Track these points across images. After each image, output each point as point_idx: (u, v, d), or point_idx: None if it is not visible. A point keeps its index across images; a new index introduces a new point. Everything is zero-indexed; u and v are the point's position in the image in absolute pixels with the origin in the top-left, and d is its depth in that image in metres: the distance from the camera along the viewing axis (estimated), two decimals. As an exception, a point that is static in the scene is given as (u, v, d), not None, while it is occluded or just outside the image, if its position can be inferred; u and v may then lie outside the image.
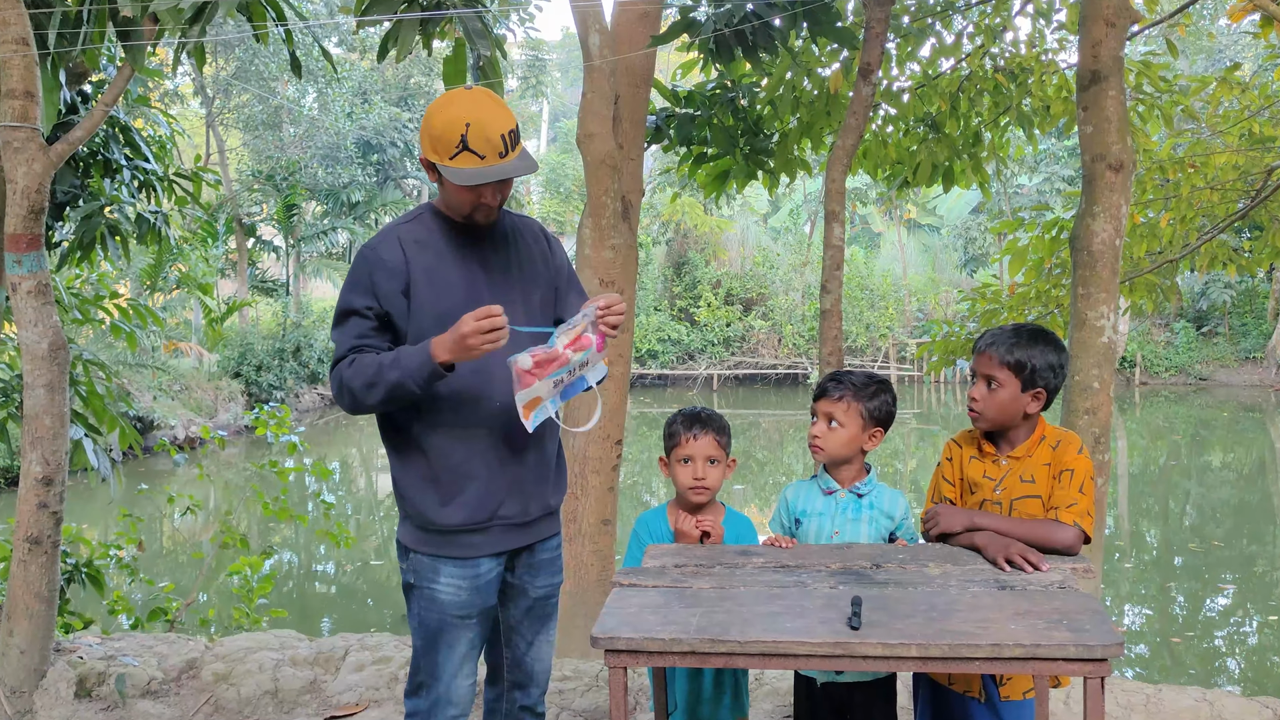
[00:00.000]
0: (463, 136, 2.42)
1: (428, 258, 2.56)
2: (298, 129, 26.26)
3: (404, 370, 2.43)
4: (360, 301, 2.54)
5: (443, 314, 2.50)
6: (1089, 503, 2.54)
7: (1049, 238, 6.94)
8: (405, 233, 2.60)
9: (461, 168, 2.45)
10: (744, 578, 2.42)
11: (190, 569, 10.99)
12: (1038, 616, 2.12)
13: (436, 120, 2.46)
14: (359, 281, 2.56)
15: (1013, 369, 2.58)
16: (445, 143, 2.44)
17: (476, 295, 2.55)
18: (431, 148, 2.48)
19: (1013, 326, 2.66)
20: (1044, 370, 2.58)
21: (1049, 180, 30.47)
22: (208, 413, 20.31)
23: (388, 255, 2.55)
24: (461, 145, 2.43)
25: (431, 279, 2.55)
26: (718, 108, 6.23)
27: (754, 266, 32.59)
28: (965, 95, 6.79)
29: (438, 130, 2.45)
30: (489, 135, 2.44)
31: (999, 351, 2.60)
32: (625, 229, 4.73)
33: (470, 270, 2.60)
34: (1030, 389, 2.59)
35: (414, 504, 2.59)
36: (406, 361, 2.44)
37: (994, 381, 2.60)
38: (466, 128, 2.42)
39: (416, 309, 2.54)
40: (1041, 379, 2.59)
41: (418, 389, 2.44)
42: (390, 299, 2.53)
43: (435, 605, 2.61)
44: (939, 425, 23.78)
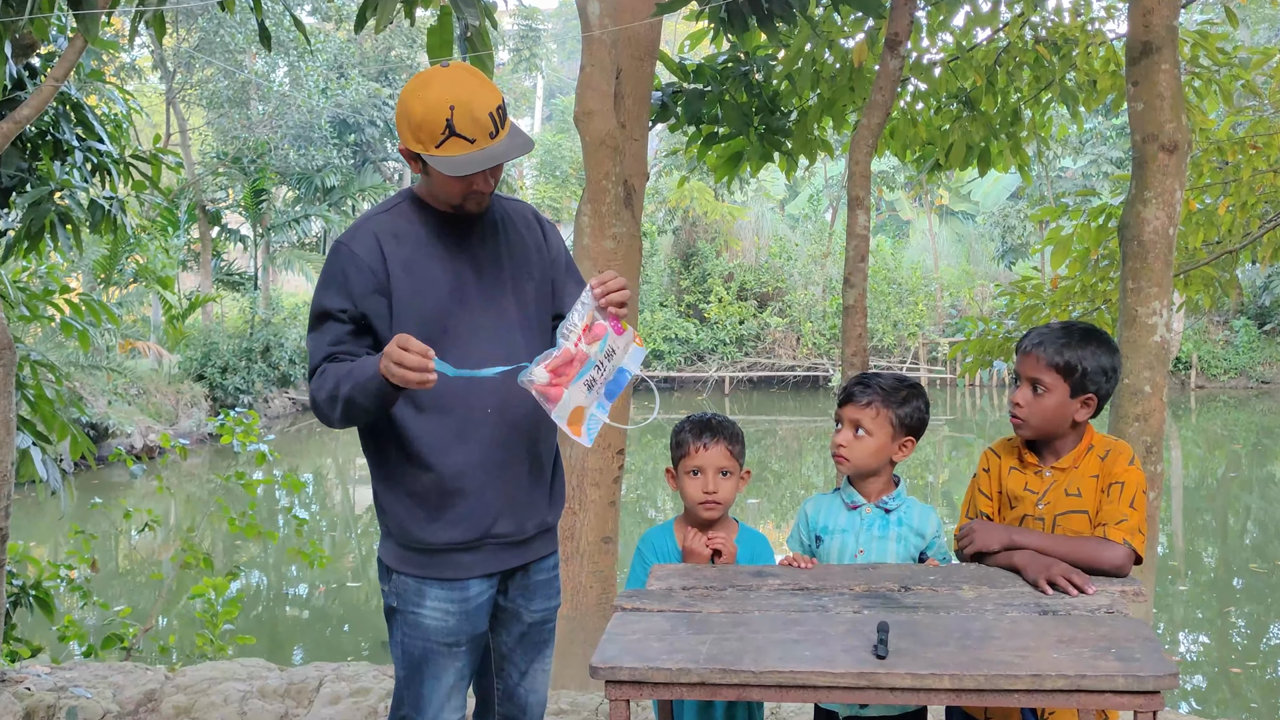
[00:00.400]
0: (448, 121, 2.41)
1: (406, 252, 2.55)
2: (267, 106, 26.28)
3: (355, 383, 2.40)
4: (334, 303, 2.53)
5: (427, 316, 2.50)
6: (1140, 519, 2.53)
7: (1095, 226, 6.93)
8: (381, 224, 2.58)
9: (451, 155, 2.43)
10: (759, 601, 2.42)
11: (149, 591, 11.00)
12: (1083, 644, 2.12)
13: (415, 106, 2.44)
14: (332, 280, 2.55)
15: (1061, 372, 2.58)
16: (429, 130, 2.43)
17: (463, 293, 2.55)
18: (413, 137, 2.46)
19: (1061, 324, 2.65)
20: (1096, 373, 2.58)
21: (1095, 163, 30.43)
22: (168, 419, 20.34)
23: (361, 251, 2.53)
24: (448, 131, 2.41)
25: (412, 276, 2.54)
26: (730, 83, 6.23)
27: (770, 258, 32.58)
28: (1003, 69, 6.78)
29: (419, 117, 2.43)
30: (476, 115, 2.42)
31: (1046, 352, 2.59)
32: (628, 217, 4.74)
33: (455, 265, 2.59)
34: (1080, 394, 2.58)
35: (397, 520, 2.59)
36: (359, 373, 2.41)
37: (1040, 385, 2.60)
38: (451, 110, 2.41)
39: (398, 311, 2.53)
40: (1093, 383, 2.58)
41: (371, 406, 2.41)
42: (366, 300, 2.51)
43: (420, 631, 2.61)
44: (974, 433, 23.76)
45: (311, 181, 27.61)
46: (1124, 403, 3.92)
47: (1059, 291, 7.45)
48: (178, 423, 20.47)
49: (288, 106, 25.86)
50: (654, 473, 18.46)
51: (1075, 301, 7.39)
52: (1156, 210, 3.91)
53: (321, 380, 2.49)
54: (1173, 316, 4.29)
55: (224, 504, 6.87)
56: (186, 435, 19.52)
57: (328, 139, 27.02)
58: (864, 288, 5.05)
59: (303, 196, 28.42)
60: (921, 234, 36.44)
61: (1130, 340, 3.93)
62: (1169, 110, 3.91)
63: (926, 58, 6.73)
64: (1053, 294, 7.50)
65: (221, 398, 22.13)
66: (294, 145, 26.57)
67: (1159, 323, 3.90)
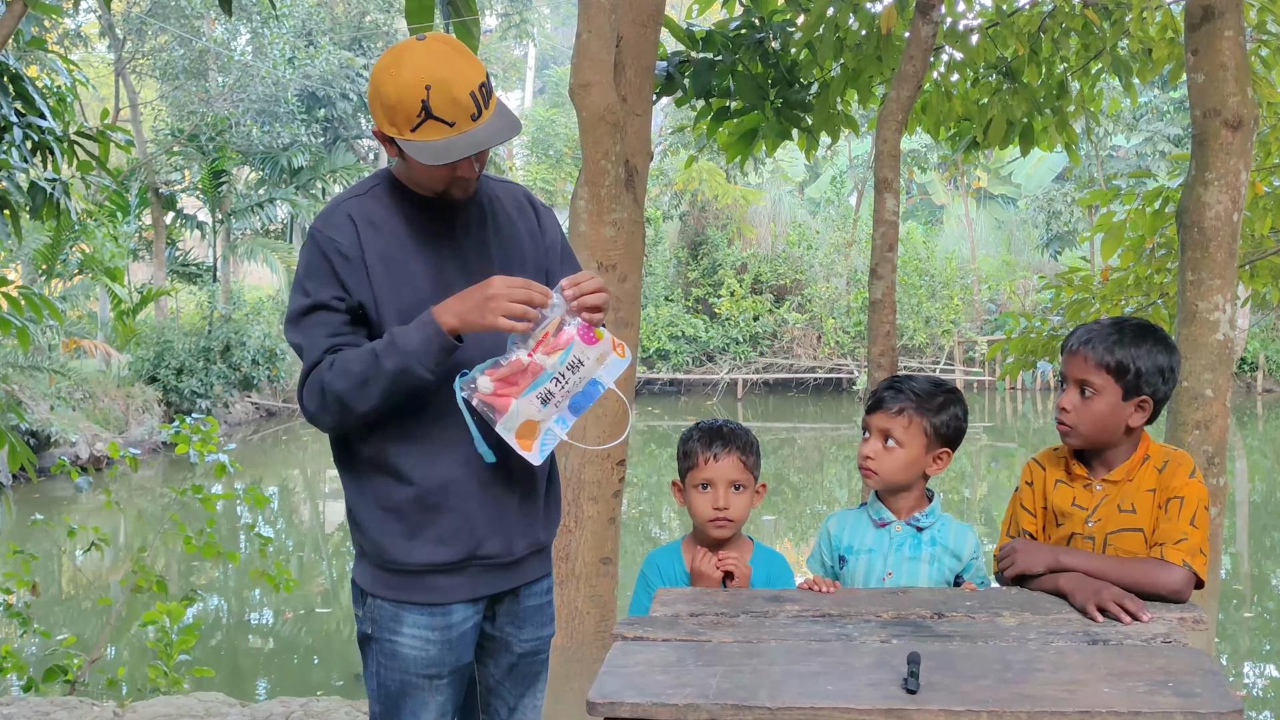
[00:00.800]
0: (424, 103, 2.40)
1: (384, 243, 2.56)
2: (227, 78, 26.30)
3: (404, 351, 2.42)
4: (326, 292, 2.53)
5: (408, 316, 2.50)
6: (1201, 538, 2.53)
7: (1151, 211, 6.92)
8: (356, 209, 2.58)
9: (428, 140, 2.44)
10: (775, 629, 2.43)
11: (95, 618, 11.01)
12: (1137, 678, 2.12)
13: (388, 86, 2.43)
14: (317, 268, 2.55)
15: (1113, 372, 2.58)
16: (403, 112, 2.43)
17: (447, 289, 2.54)
18: (387, 120, 2.46)
19: (1111, 321, 2.65)
20: (1151, 374, 2.58)
21: (1150, 141, 30.40)
22: (117, 426, 20.36)
23: (341, 237, 2.54)
24: (424, 113, 2.41)
25: (390, 271, 2.55)
26: (743, 51, 6.23)
27: (788, 247, 32.60)
28: (1048, 36, 6.78)
29: (392, 98, 2.43)
30: (456, 95, 2.42)
31: (1096, 351, 2.59)
32: (629, 201, 4.73)
33: (438, 257, 2.59)
34: (1134, 397, 2.59)
35: (373, 538, 2.60)
36: (405, 340, 2.43)
37: (1089, 388, 2.60)
38: (427, 91, 2.40)
39: (377, 307, 2.54)
40: (1148, 385, 2.58)
41: (426, 370, 2.44)
42: (360, 290, 2.53)
43: (397, 661, 2.61)
44: (1015, 442, 23.76)
45: (277, 161, 27.63)
46: (1183, 408, 3.92)
47: (1110, 284, 7.45)
48: (128, 430, 20.49)
49: (250, 78, 25.87)
50: (659, 486, 18.45)
51: (1128, 295, 7.39)
52: (1219, 193, 3.91)
53: (335, 370, 2.47)
54: (1237, 312, 4.28)
55: (179, 521, 6.87)
56: (137, 444, 19.51)
57: (295, 114, 27.03)
58: (892, 280, 5.05)
59: (267, 178, 28.43)
60: (957, 220, 36.43)
61: (1190, 338, 3.93)
62: (1233, 82, 3.91)
63: (962, 23, 6.73)
64: (1103, 287, 7.49)
65: (176, 402, 22.15)
66: (257, 121, 26.58)
67: (1221, 319, 3.90)
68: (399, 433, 2.55)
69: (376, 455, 2.57)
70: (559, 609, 4.78)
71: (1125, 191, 7.28)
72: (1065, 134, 7.10)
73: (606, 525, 4.91)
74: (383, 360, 2.43)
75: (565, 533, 4.85)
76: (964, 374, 30.36)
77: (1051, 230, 33.79)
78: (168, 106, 27.70)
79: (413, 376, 2.43)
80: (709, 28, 6.37)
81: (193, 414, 17.11)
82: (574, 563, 4.85)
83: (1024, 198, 36.33)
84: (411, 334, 2.43)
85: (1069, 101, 7.04)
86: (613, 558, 4.96)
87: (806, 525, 15.71)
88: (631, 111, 4.88)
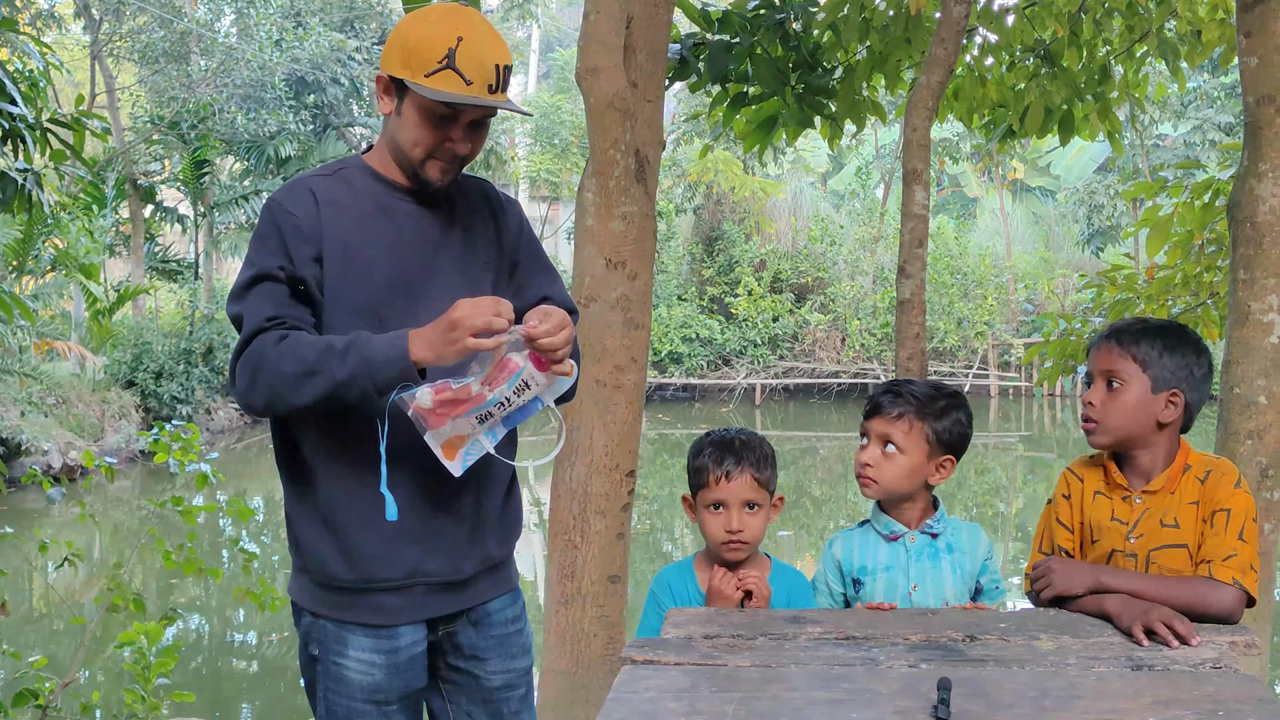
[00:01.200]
0: (451, 51, 2.45)
1: (344, 226, 2.58)
2: (210, 62, 26.36)
3: (363, 360, 2.40)
4: (270, 261, 2.54)
5: (360, 306, 2.52)
6: (1251, 553, 2.53)
7: (1200, 205, 6.91)
8: (321, 188, 2.61)
9: (440, 89, 2.47)
10: (796, 653, 2.42)
11: (68, 638, 11.04)
12: (1185, 706, 2.11)
13: (416, 29, 2.50)
14: (267, 239, 2.56)
15: (1140, 362, 2.62)
16: (424, 55, 2.47)
17: (406, 285, 2.57)
18: (402, 61, 2.50)
19: (1136, 317, 2.69)
20: (1180, 367, 2.61)
21: (1199, 129, 30.35)
22: (92, 433, 20.42)
23: (299, 211, 2.56)
24: (447, 61, 2.46)
25: (347, 256, 2.56)
26: (762, 33, 6.23)
27: (809, 243, 32.59)
28: (1089, 17, 6.77)
29: (416, 40, 2.48)
30: (483, 59, 2.48)
31: (1121, 340, 2.64)
32: (640, 193, 4.74)
33: (400, 250, 2.61)
34: (1164, 389, 2.61)
35: (313, 552, 2.61)
36: (369, 349, 2.41)
37: (1115, 379, 2.63)
38: (458, 42, 2.46)
39: (326, 294, 2.55)
40: (1176, 377, 2.61)
41: (375, 390, 2.42)
42: (305, 266, 2.54)
43: (344, 686, 2.62)
44: (1053, 452, 23.73)
45: (263, 151, 27.68)
46: (1234, 416, 3.91)
47: (1156, 283, 7.43)
48: (103, 438, 20.54)
49: (235, 62, 25.91)
50: (670, 499, 18.45)
51: (1175, 295, 7.37)
52: (1273, 186, 3.90)
53: (283, 348, 2.45)
54: (1293, 313, 4.27)
55: (158, 535, 6.88)
56: (114, 453, 19.58)
57: (282, 100, 27.08)
58: (922, 278, 5.04)
59: (252, 169, 28.48)
60: (991, 214, 36.38)
61: (1242, 341, 3.92)
62: (1288, 66, 3.90)
63: (997, 3, 6.73)
64: (1148, 286, 7.48)
65: (155, 408, 22.19)
66: (242, 107, 26.63)
67: (1276, 320, 3.89)
68: (336, 438, 2.55)
69: (312, 461, 2.58)
70: (565, 630, 4.78)
71: (1172, 184, 7.26)
72: (1108, 122, 7.09)
73: (615, 541, 4.91)
74: (338, 360, 2.42)
75: (571, 549, 4.85)
76: (999, 379, 30.32)
77: (1093, 225, 33.75)
78: (147, 92, 27.74)
79: (360, 390, 2.42)
80: (725, 8, 6.37)
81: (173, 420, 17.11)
82: (580, 581, 4.85)
83: (1063, 190, 36.27)
84: (378, 347, 2.42)
85: (1112, 87, 7.03)
86: (621, 576, 4.95)
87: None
88: (642, 98, 4.88)
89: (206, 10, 26.58)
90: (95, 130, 6.39)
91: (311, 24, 28.04)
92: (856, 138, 28.81)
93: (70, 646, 10.32)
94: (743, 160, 31.05)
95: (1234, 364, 3.93)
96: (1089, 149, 32.31)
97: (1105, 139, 7.41)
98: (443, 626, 2.71)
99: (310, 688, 2.71)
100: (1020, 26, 6.70)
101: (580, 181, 4.77)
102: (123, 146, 25.00)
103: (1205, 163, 22.74)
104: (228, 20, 27.22)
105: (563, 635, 4.73)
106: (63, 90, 27.04)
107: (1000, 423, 27.22)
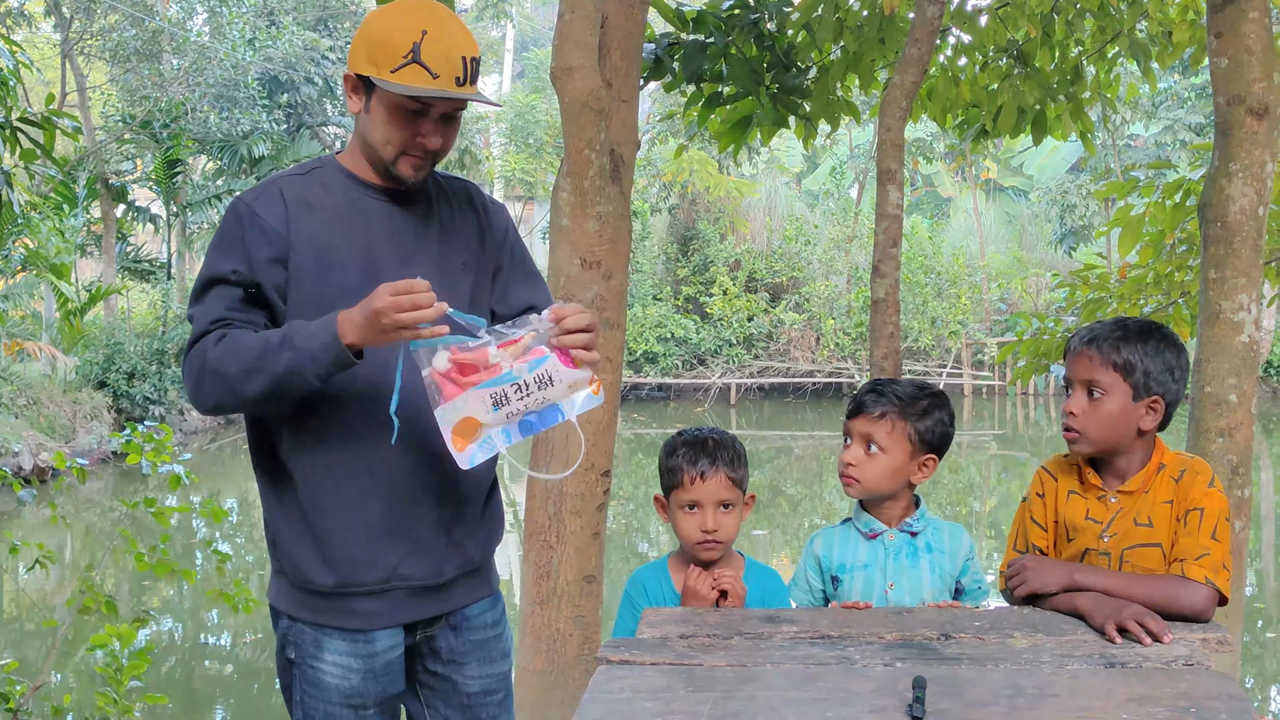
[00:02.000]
0: (415, 45, 2.44)
1: (316, 225, 2.56)
2: (183, 60, 26.22)
3: (298, 351, 2.39)
4: (225, 265, 2.53)
5: (328, 306, 2.48)
6: (1224, 552, 2.54)
7: (1171, 205, 6.95)
8: (291, 187, 2.60)
9: (406, 84, 2.46)
10: (771, 652, 2.43)
11: (40, 641, 10.97)
12: (1157, 703, 2.12)
13: (380, 25, 2.49)
14: (226, 240, 2.55)
15: (1121, 370, 2.60)
16: (389, 50, 2.46)
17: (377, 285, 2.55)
18: (368, 58, 2.49)
19: (1114, 320, 2.68)
20: (1160, 372, 2.60)
21: (1171, 129, 30.55)
22: (63, 435, 20.29)
23: (265, 212, 2.54)
24: (412, 55, 2.45)
25: (318, 255, 2.55)
26: (737, 33, 6.24)
27: (784, 243, 32.63)
28: (1061, 18, 6.80)
29: (380, 35, 2.47)
30: (449, 52, 2.46)
31: (1102, 349, 2.62)
32: (615, 193, 4.73)
33: (373, 249, 2.59)
34: (1145, 397, 2.60)
35: (290, 555, 2.59)
36: (303, 340, 2.40)
37: (1096, 388, 2.62)
38: (422, 35, 2.45)
39: (294, 295, 2.53)
40: (1158, 383, 2.60)
41: (316, 378, 2.41)
42: (264, 269, 2.52)
43: (320, 690, 2.61)
44: (1027, 451, 23.81)
45: (236, 150, 27.56)
46: (1205, 415, 3.94)
47: (1128, 283, 7.47)
48: (75, 439, 20.42)
49: (207, 60, 25.78)
50: (646, 499, 18.45)
51: (1147, 294, 7.41)
52: (1243, 185, 3.93)
53: (223, 347, 2.44)
54: (1263, 312, 4.30)
55: (130, 536, 6.84)
56: (85, 454, 19.45)
57: (255, 99, 26.97)
58: (896, 278, 5.05)
59: (225, 168, 28.35)
60: (965, 214, 36.51)
61: (1213, 340, 3.94)
62: (1258, 67, 3.93)
63: (971, 4, 6.75)
64: (1121, 285, 7.51)
65: (128, 409, 22.07)
66: (215, 107, 26.51)
67: (1246, 319, 3.92)
68: (314, 435, 2.54)
69: (289, 459, 2.57)
70: (540, 630, 4.78)
71: (1144, 183, 7.30)
72: (1080, 122, 7.12)
73: (590, 541, 4.91)
74: (274, 354, 2.41)
75: (546, 549, 4.84)
76: (972, 378, 30.42)
77: (1065, 225, 33.90)
78: (118, 91, 27.57)
79: (302, 381, 2.41)
80: (700, 7, 6.37)
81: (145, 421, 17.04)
82: (555, 581, 4.85)
83: (1036, 190, 36.42)
84: (311, 335, 2.40)
85: (1084, 87, 7.06)
86: (597, 576, 4.95)
87: (803, 540, 15.70)
88: (617, 97, 4.88)
89: (179, 9, 26.43)
90: (66, 129, 6.34)
91: (285, 23, 27.91)
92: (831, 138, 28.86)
93: (41, 649, 10.26)
94: (718, 160, 31.06)
95: (1205, 363, 3.95)
96: (1061, 149, 32.47)
97: (1078, 139, 7.44)
98: (421, 630, 2.70)
99: (287, 691, 2.69)
100: (993, 27, 6.73)
101: (555, 181, 4.76)
102: (94, 146, 24.83)
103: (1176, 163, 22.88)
104: (200, 19, 27.10)
105: (538, 635, 4.73)
106: (33, 89, 26.85)
107: (974, 421, 27.30)
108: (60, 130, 6.12)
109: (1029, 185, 37.45)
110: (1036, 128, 7.01)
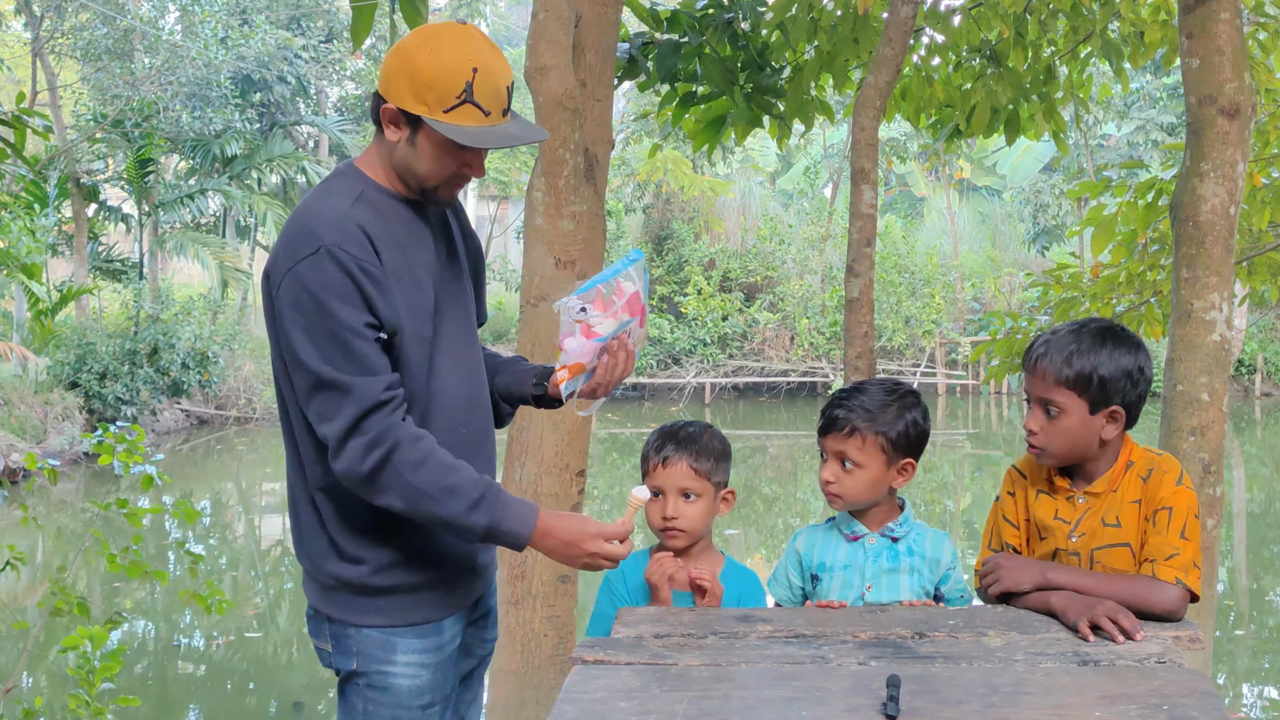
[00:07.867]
0: (468, 84, 2.41)
1: (388, 254, 2.51)
2: (154, 59, 26.07)
3: (492, 520, 2.48)
4: (359, 318, 2.43)
5: (423, 336, 2.53)
6: (1194, 551, 2.55)
7: (1143, 204, 6.99)
8: (364, 220, 2.49)
9: (462, 125, 2.43)
10: (746, 651, 2.43)
11: (11, 644, 10.89)
12: (1130, 701, 2.13)
13: (428, 63, 2.42)
14: (342, 290, 2.42)
15: (1075, 386, 2.58)
16: (442, 90, 2.42)
17: (439, 304, 2.59)
18: (416, 96, 2.43)
19: (1068, 328, 2.64)
20: (1117, 380, 2.57)
21: (1143, 129, 30.73)
22: (34, 435, 20.16)
23: (363, 254, 2.46)
24: (465, 95, 2.42)
25: (404, 287, 2.52)
26: (711, 33, 6.24)
27: (758, 242, 32.68)
28: (1034, 17, 6.83)
29: (430, 74, 2.41)
30: (497, 86, 2.45)
31: (1054, 365, 2.59)
32: (589, 192, 4.73)
33: (428, 265, 2.61)
34: (1102, 409, 2.59)
35: (364, 558, 2.55)
36: (503, 512, 2.49)
37: (1053, 406, 2.60)
38: (474, 74, 2.42)
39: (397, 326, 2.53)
40: (1116, 393, 2.58)
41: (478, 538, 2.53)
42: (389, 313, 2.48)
43: (390, 696, 2.58)
44: (1000, 450, 23.91)
45: (208, 149, 27.42)
46: (1177, 413, 3.96)
47: (1100, 282, 7.51)
48: (46, 440, 20.29)
49: (180, 59, 25.64)
50: (620, 498, 18.44)
51: (1119, 293, 7.45)
52: (1215, 185, 3.95)
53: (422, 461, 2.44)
54: (1234, 311, 4.33)
55: (102, 538, 6.80)
56: (57, 455, 19.33)
57: (228, 98, 26.83)
58: (870, 277, 5.06)
59: (198, 167, 28.21)
60: (938, 213, 36.65)
61: (1184, 339, 3.96)
62: (1229, 67, 3.95)
63: (944, 4, 6.76)
64: (1093, 285, 7.55)
65: (100, 409, 21.94)
66: (187, 106, 26.38)
67: (1218, 318, 3.94)
68: None
69: None
70: (515, 630, 4.78)
71: (1116, 183, 7.34)
72: (1053, 122, 7.15)
73: (565, 541, 4.90)
74: (468, 506, 2.45)
75: (521, 549, 4.83)
76: (946, 377, 30.54)
77: (1038, 224, 34.05)
78: (90, 89, 27.42)
79: (470, 535, 2.50)
80: (674, 7, 6.37)
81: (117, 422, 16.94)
82: (530, 581, 4.84)
83: (1009, 189, 36.58)
84: (513, 513, 2.50)
85: (1056, 87, 7.09)
86: (572, 576, 4.95)
87: (779, 539, 15.74)
88: (591, 97, 4.88)
89: (150, 7, 26.29)
90: (37, 128, 6.30)
91: (257, 21, 27.77)
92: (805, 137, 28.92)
93: (12, 652, 10.18)
94: (692, 159, 31.11)
95: (1177, 361, 3.97)
96: (1034, 149, 32.62)
97: (1050, 139, 7.47)
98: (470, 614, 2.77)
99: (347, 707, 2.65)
100: (966, 27, 6.75)
101: (529, 180, 4.76)
102: (65, 145, 24.67)
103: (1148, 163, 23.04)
104: (172, 17, 26.95)
105: (513, 635, 4.72)
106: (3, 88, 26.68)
107: (948, 420, 27.40)
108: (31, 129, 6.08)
109: (1002, 185, 37.62)
110: (1010, 127, 7.04)
